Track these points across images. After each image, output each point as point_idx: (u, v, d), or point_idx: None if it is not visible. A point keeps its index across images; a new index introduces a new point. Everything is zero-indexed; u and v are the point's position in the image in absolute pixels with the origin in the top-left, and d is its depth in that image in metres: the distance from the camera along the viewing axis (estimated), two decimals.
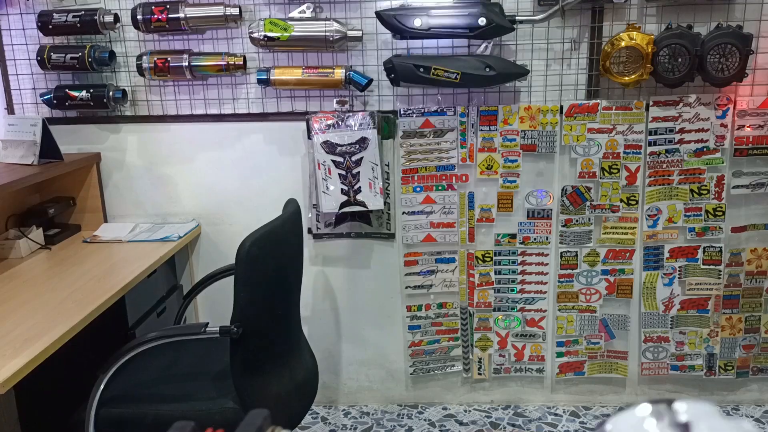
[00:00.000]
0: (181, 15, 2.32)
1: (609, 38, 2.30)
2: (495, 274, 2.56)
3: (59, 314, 1.79)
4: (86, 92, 2.42)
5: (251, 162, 2.55)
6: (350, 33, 2.31)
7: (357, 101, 2.44)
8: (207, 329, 1.79)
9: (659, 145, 2.40)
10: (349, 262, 2.63)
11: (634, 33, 2.24)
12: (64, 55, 2.39)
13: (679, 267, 2.51)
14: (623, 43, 2.23)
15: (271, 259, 1.82)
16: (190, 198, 2.61)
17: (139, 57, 2.39)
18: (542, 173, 2.47)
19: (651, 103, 2.37)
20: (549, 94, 2.40)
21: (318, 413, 2.73)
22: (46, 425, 2.15)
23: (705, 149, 2.40)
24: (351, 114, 2.40)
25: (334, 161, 2.40)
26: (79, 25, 2.35)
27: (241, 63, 2.38)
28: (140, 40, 2.45)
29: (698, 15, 2.30)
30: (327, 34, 2.29)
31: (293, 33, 2.29)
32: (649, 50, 2.22)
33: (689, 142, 2.39)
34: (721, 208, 2.45)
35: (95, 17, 2.34)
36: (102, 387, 1.79)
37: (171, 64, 2.37)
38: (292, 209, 2.02)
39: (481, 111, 2.41)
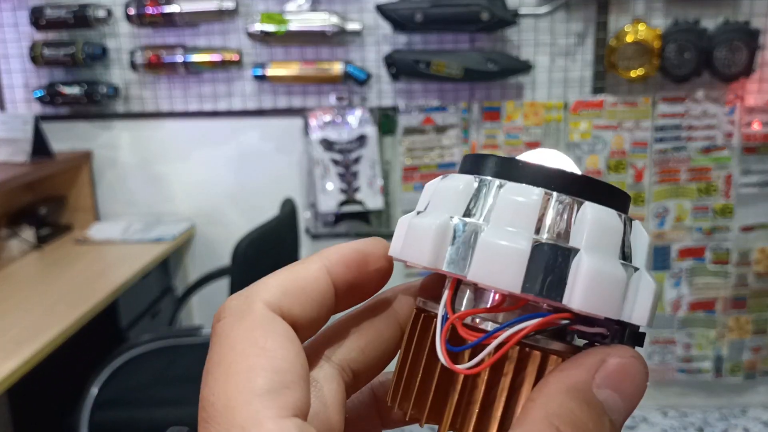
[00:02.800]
0: (176, 9, 2.28)
1: (615, 33, 2.26)
2: None
3: (51, 316, 1.75)
4: (78, 88, 2.39)
5: (247, 160, 2.50)
6: (349, 27, 2.26)
7: (356, 97, 2.39)
8: (202, 332, 1.78)
9: (666, 142, 2.35)
10: None
11: (641, 28, 2.20)
12: (56, 51, 2.36)
13: (687, 267, 2.47)
14: (629, 38, 2.19)
15: (267, 260, 1.79)
16: (184, 197, 2.56)
17: (133, 52, 2.35)
18: None
19: (658, 99, 2.33)
20: (553, 89, 2.35)
21: None
22: (39, 428, 2.13)
23: (713, 146, 2.35)
24: (350, 110, 2.35)
25: (332, 159, 2.36)
26: (71, 20, 2.32)
27: (237, 58, 2.33)
28: (133, 35, 2.40)
29: (705, 10, 2.26)
30: (325, 27, 2.24)
31: (290, 27, 2.25)
32: (656, 45, 2.19)
33: (696, 139, 2.35)
34: (729, 207, 2.40)
35: (88, 12, 2.30)
36: (95, 391, 1.77)
37: (165, 60, 2.33)
38: (288, 209, 2.00)
39: (484, 107, 2.36)
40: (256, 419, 0.19)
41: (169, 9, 2.28)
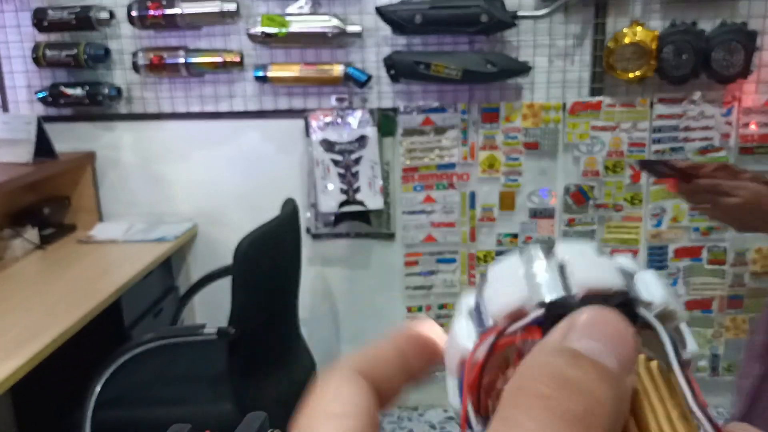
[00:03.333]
0: (177, 11, 2.29)
1: (613, 35, 2.27)
2: None
3: (54, 316, 1.76)
4: (81, 90, 2.39)
5: (248, 161, 2.51)
6: (349, 29, 2.28)
7: (356, 98, 2.40)
8: (204, 331, 1.77)
9: (663, 142, 2.36)
10: (349, 262, 2.59)
11: (638, 29, 2.21)
12: (59, 52, 2.37)
13: (684, 267, 2.48)
14: (627, 40, 2.20)
15: (268, 259, 1.80)
16: (186, 197, 2.57)
17: (135, 54, 2.36)
18: (545, 172, 2.44)
19: (655, 101, 2.34)
20: (552, 91, 2.36)
21: None
22: (42, 427, 2.13)
23: (710, 147, 2.37)
24: (350, 111, 2.36)
25: (332, 160, 2.37)
26: (74, 21, 2.32)
27: (238, 59, 2.34)
28: (136, 36, 2.41)
29: (703, 12, 2.26)
30: (325, 29, 2.25)
31: (291, 29, 2.26)
32: (654, 47, 2.20)
33: (694, 140, 2.36)
34: None
35: (90, 14, 2.31)
36: (98, 389, 1.77)
37: (167, 61, 2.34)
38: (289, 209, 2.00)
39: (483, 108, 2.37)
40: None
41: (170, 11, 2.29)
